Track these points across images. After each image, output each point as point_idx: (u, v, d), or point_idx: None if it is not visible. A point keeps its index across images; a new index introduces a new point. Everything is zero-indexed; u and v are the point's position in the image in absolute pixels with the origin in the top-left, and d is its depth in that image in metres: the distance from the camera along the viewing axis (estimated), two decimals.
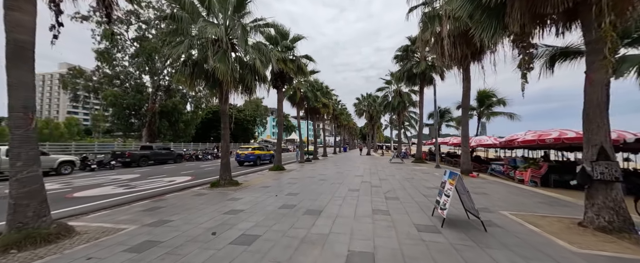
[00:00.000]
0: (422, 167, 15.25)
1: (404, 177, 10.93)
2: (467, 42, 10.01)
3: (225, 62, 7.76)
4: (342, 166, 16.41)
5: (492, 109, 16.99)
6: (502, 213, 5.14)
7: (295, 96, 19.50)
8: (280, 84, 14.38)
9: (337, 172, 13.10)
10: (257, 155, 18.01)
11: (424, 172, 12.93)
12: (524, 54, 4.63)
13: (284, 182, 9.64)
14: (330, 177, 10.91)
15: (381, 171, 13.37)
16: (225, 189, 8.19)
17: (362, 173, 12.52)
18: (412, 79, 18.70)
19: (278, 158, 14.45)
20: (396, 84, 25.81)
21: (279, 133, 14.75)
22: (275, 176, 11.58)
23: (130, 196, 7.63)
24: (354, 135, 75.87)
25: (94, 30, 22.39)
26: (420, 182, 9.47)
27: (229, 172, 9.01)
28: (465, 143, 10.82)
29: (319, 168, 15.24)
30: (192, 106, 29.41)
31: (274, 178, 10.77)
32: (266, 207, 5.78)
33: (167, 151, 19.38)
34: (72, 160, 13.05)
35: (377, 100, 32.76)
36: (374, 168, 15.10)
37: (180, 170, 15.42)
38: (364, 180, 9.88)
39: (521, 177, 8.57)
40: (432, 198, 6.49)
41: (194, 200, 6.65)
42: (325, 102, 23.38)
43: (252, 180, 10.23)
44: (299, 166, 16.71)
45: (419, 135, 18.88)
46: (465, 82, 10.85)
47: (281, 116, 14.76)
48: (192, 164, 19.30)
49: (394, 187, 8.42)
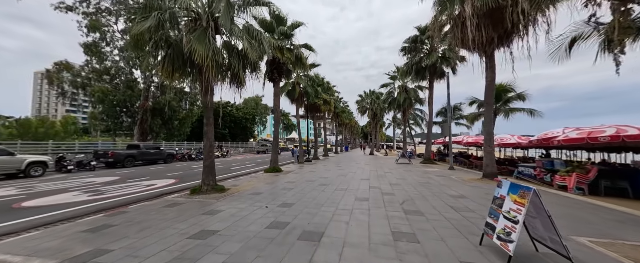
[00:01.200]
0: (433, 169, 13.79)
1: (417, 181, 9.48)
2: (493, 23, 8.55)
3: (204, 42, 6.33)
4: (345, 167, 14.98)
5: (509, 105, 15.52)
6: (578, 241, 3.69)
7: (294, 91, 18.07)
8: (276, 76, 12.95)
9: (340, 174, 11.68)
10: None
11: (438, 174, 11.47)
12: (617, 12, 3.16)
13: (278, 188, 8.22)
14: (332, 181, 9.48)
15: (389, 173, 11.93)
16: (207, 197, 6.79)
17: (368, 175, 11.09)
18: (421, 73, 17.21)
19: (274, 159, 13.03)
20: (401, 80, 24.36)
21: (275, 131, 13.34)
22: (269, 179, 10.17)
23: (88, 207, 6.23)
24: (356, 134, 74.41)
25: (80, 21, 21.02)
26: (439, 188, 8.02)
27: (213, 176, 7.59)
28: (490, 142, 9.35)
29: (320, 169, 13.83)
30: (187, 103, 28.00)
31: (267, 182, 9.36)
32: (249, 226, 4.37)
33: (157, 150, 18.01)
34: (44, 160, 11.69)
35: (380, 97, 31.28)
36: (380, 169, 13.66)
37: (168, 171, 14.04)
38: (372, 185, 8.44)
39: (563, 182, 7.13)
40: (466, 214, 5.04)
41: (162, 213, 5.25)
42: (326, 98, 21.94)
43: (241, 185, 8.82)
44: (297, 167, 15.31)
45: (428, 133, 17.43)
46: (488, 72, 9.37)
47: (278, 112, 13.34)
48: (183, 165, 17.93)
49: (410, 194, 6.98)
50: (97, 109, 23.96)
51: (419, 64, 17.20)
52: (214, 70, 6.69)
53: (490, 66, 9.34)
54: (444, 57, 15.96)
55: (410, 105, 23.86)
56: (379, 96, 31.38)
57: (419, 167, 14.88)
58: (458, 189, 7.72)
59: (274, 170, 12.60)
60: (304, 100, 20.54)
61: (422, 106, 24.97)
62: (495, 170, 9.25)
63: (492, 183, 8.62)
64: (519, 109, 15.13)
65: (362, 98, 32.85)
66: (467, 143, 14.60)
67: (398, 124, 41.76)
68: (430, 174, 11.52)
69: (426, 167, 14.72)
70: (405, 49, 17.80)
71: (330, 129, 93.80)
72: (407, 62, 18.17)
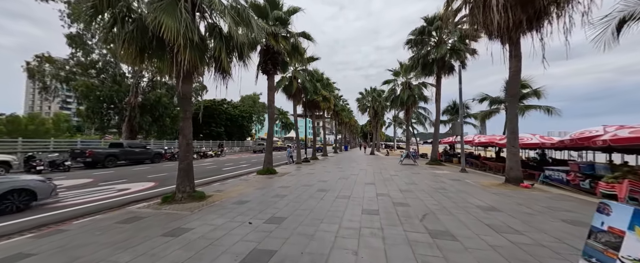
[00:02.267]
0: (443, 171, 12.57)
1: (430, 186, 8.25)
2: (522, 2, 7.31)
3: (174, 15, 5.04)
4: (346, 168, 13.74)
5: (524, 102, 14.32)
6: None
7: (291, 87, 16.78)
8: (270, 68, 11.66)
9: (341, 177, 10.44)
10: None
11: (451, 178, 10.26)
12: None
13: (269, 194, 6.96)
14: (332, 186, 8.23)
15: (395, 176, 10.70)
16: (180, 208, 5.52)
17: (373, 179, 9.85)
18: (428, 67, 15.97)
19: (268, 159, 11.76)
20: (404, 76, 23.11)
21: (269, 128, 12.07)
22: (261, 183, 8.91)
23: (20, 222, 4.94)
24: (355, 134, 73.24)
25: (62, 11, 19.60)
26: (459, 195, 6.80)
27: (190, 181, 6.33)
28: (514, 142, 8.12)
29: (318, 171, 12.58)
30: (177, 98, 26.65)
31: (258, 187, 8.09)
32: (219, 259, 3.11)
33: (143, 149, 16.70)
34: (7, 160, 10.37)
35: (382, 94, 30.04)
36: (385, 171, 12.43)
37: (151, 172, 12.75)
38: (379, 192, 7.20)
39: (611, 190, 5.92)
40: (513, 238, 3.80)
41: (109, 234, 3.98)
42: (325, 95, 20.68)
43: (227, 190, 7.55)
44: (294, 168, 14.06)
45: (435, 132, 16.23)
46: (513, 61, 8.13)
47: (272, 108, 12.05)
48: (171, 165, 16.62)
49: (428, 206, 5.74)
50: (83, 105, 22.50)
51: (426, 57, 15.98)
52: (189, 51, 5.39)
53: (515, 54, 8.10)
54: (454, 50, 14.73)
55: (414, 103, 22.60)
56: (380, 94, 30.14)
57: (427, 169, 13.66)
58: (482, 198, 6.49)
59: (267, 172, 11.34)
60: (302, 97, 19.26)
61: (426, 104, 23.75)
62: (521, 175, 8.03)
63: (519, 190, 7.41)
64: (535, 107, 13.93)
65: (362, 96, 31.59)
66: (480, 143, 13.41)
67: (399, 123, 40.61)
68: (441, 178, 10.29)
69: (434, 169, 13.51)
70: (411, 42, 16.56)
71: (330, 128, 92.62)
72: (413, 55, 16.93)
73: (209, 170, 13.84)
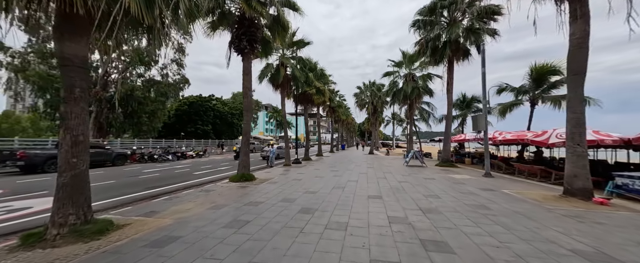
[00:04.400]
0: (463, 176, 10.19)
1: (462, 202, 5.83)
2: None
3: None
4: (342, 172, 11.29)
5: (552, 92, 12.04)
6: None
7: (278, 75, 14.24)
8: (246, 45, 9.10)
9: (336, 185, 7.98)
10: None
11: (480, 187, 7.87)
12: None
13: (223, 220, 4.47)
14: (323, 202, 5.77)
15: (405, 183, 8.27)
16: (43, 257, 2.99)
17: (378, 188, 7.42)
18: (439, 53, 13.54)
19: (244, 162, 9.25)
20: (408, 67, 20.74)
21: (245, 123, 9.54)
22: (225, 196, 6.40)
23: None
24: (352, 132, 70.89)
25: None
26: (519, 222, 4.39)
27: (80, 205, 3.80)
28: (580, 139, 5.74)
29: (309, 176, 10.10)
30: (154, 92, 23.74)
31: (216, 204, 5.58)
32: None
33: (100, 150, 14.02)
34: None
35: (382, 88, 27.65)
36: (391, 176, 10.01)
37: (99, 179, 10.13)
38: (393, 215, 4.75)
39: None
40: None
41: None
42: (319, 86, 18.16)
43: (163, 212, 5.02)
44: (281, 171, 11.56)
45: (446, 128, 13.83)
46: (578, 24, 5.73)
47: (248, 97, 9.49)
48: (135, 168, 13.99)
49: (483, 248, 3.29)
50: (43, 99, 19.60)
51: (436, 41, 13.57)
52: None
53: (581, 14, 5.70)
54: (471, 30, 12.33)
55: (418, 97, 20.24)
56: (379, 88, 27.74)
57: (439, 172, 11.27)
58: (557, 226, 4.08)
59: (241, 179, 8.84)
60: (291, 88, 16.75)
61: (430, 98, 21.35)
62: (591, 186, 5.64)
63: (597, 210, 5.03)
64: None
65: (360, 90, 29.14)
66: (505, 141, 11.06)
67: (399, 121, 38.30)
68: (466, 186, 7.89)
69: (449, 173, 11.12)
70: (418, 23, 14.13)
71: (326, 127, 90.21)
72: (420, 40, 14.50)
73: (172, 176, 11.28)
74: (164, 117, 30.85)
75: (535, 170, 8.81)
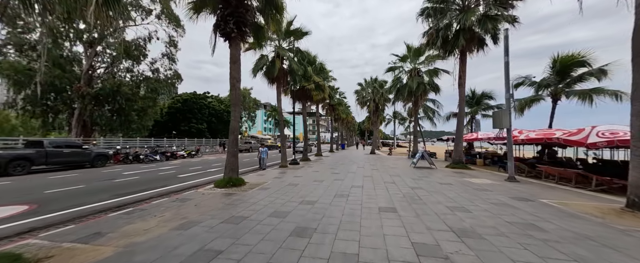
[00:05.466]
0: (482, 180, 8.95)
1: (502, 218, 4.61)
2: None
3: None
4: (344, 175, 10.04)
5: (578, 85, 10.79)
6: None
7: (274, 68, 12.94)
8: (233, 29, 7.80)
9: (339, 192, 6.72)
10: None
11: (511, 195, 6.63)
12: None
13: (182, 253, 3.19)
14: (323, 217, 4.52)
15: (420, 190, 7.03)
16: None
17: (388, 197, 6.17)
18: (450, 43, 12.30)
19: (231, 164, 7.98)
20: (413, 62, 19.49)
21: (233, 119, 8.26)
22: (200, 211, 5.13)
23: None
24: (352, 131, 69.68)
25: None
26: (596, 251, 3.16)
27: None
28: None
29: (307, 180, 8.85)
30: (145, 88, 22.36)
31: (184, 224, 4.30)
32: None
33: (76, 150, 12.69)
34: None
35: (384, 85, 26.38)
36: (400, 180, 8.76)
37: (65, 184, 8.84)
38: (418, 241, 3.50)
39: None
40: None
41: None
42: (318, 81, 16.88)
43: (108, 238, 3.73)
44: (276, 174, 10.30)
45: (458, 126, 12.56)
46: None
47: (236, 89, 8.17)
48: (116, 170, 12.69)
49: None
50: (20, 95, 18.21)
51: (447, 30, 12.32)
52: None
53: None
54: (488, 16, 11.06)
55: (424, 93, 19.01)
56: (382, 85, 26.46)
57: (453, 176, 10.03)
58: None
59: (228, 184, 7.58)
60: (288, 83, 15.47)
61: (436, 95, 20.08)
62: None
63: None
64: (602, 90, 10.32)
65: (362, 87, 27.83)
66: (528, 140, 9.75)
67: (401, 119, 37.07)
68: (494, 194, 6.65)
69: (465, 176, 9.89)
70: (428, 11, 12.85)
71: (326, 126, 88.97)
72: (429, 30, 13.24)
73: (153, 179, 10.00)
74: (156, 115, 29.54)
75: (570, 174, 7.58)
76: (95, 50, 19.59)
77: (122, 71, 22.17)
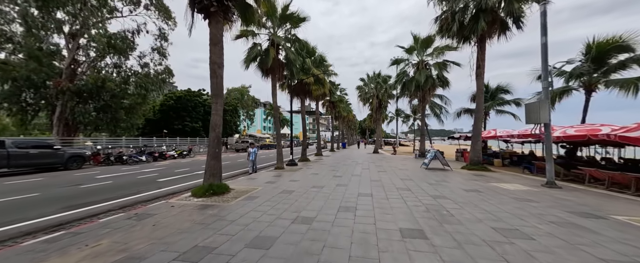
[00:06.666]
0: (514, 185, 7.52)
1: (588, 252, 3.18)
2: None
3: None
4: (348, 178, 8.62)
5: (620, 73, 9.32)
6: None
7: (268, 57, 11.48)
8: (213, 2, 6.35)
9: (344, 205, 5.31)
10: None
11: (570, 208, 5.23)
12: None
13: None
14: (325, 248, 3.09)
15: (446, 200, 5.61)
16: None
17: (411, 214, 4.76)
18: (468, 27, 10.82)
19: (211, 168, 6.57)
20: (420, 54, 18.01)
21: (214, 113, 6.84)
22: (155, 236, 3.70)
23: None
24: (353, 130, 68.13)
25: None
26: None
27: None
28: None
29: (303, 187, 7.43)
30: (134, 85, 20.87)
31: (117, 259, 2.88)
32: None
33: (45, 151, 11.28)
34: None
35: (388, 80, 24.92)
36: (415, 186, 7.34)
37: (5, 192, 7.44)
38: None
39: None
40: None
41: None
42: (318, 73, 15.42)
43: None
44: (270, 177, 8.88)
45: (476, 122, 11.08)
46: None
47: (217, 77, 6.73)
48: (86, 174, 11.29)
49: None
50: None
51: (464, 12, 10.84)
52: None
53: None
54: None
55: (433, 87, 17.56)
56: (386, 79, 24.99)
57: (476, 179, 8.60)
58: None
59: (208, 192, 6.18)
60: (284, 76, 14.00)
61: (444, 90, 18.56)
62: None
63: None
64: None
65: (364, 82, 26.32)
66: (567, 138, 8.11)
67: (404, 117, 35.57)
68: (546, 208, 5.23)
69: (490, 180, 8.46)
70: None
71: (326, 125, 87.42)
72: (442, 14, 11.75)
73: (128, 185, 8.60)
74: (147, 112, 28.10)
75: (627, 179, 6.14)
76: (77, 42, 18.14)
77: (109, 66, 20.73)
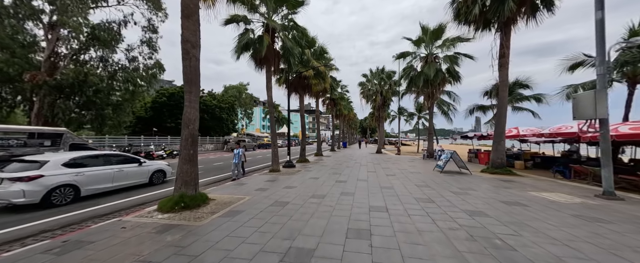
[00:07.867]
0: (561, 196, 6.16)
1: None
2: None
3: None
4: (353, 184, 7.23)
5: None
6: None
7: (262, 45, 10.05)
8: None
9: (354, 225, 3.93)
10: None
11: None
12: None
13: None
14: None
15: (485, 216, 4.25)
16: None
17: (448, 241, 3.39)
18: (491, 11, 9.41)
19: (185, 174, 5.18)
20: (428, 47, 16.62)
21: (187, 105, 5.44)
22: None
23: None
24: (354, 129, 66.74)
25: None
26: None
27: None
28: None
29: (301, 196, 6.04)
30: (123, 81, 19.42)
31: None
32: None
33: None
34: None
35: (392, 76, 23.51)
36: (436, 195, 5.96)
37: None
38: None
39: None
40: None
41: None
42: (318, 66, 14.02)
43: None
44: (263, 183, 7.50)
45: (498, 118, 9.68)
46: None
47: (191, 59, 5.32)
48: None
49: None
50: None
51: None
52: None
53: None
54: None
55: (443, 82, 16.17)
56: (390, 75, 23.59)
57: (510, 188, 7.23)
58: None
59: (177, 205, 4.81)
60: (280, 68, 12.60)
61: (453, 85, 17.12)
62: None
63: None
64: None
65: (367, 79, 24.89)
66: (621, 137, 6.69)
67: (408, 116, 34.13)
68: (634, 234, 3.85)
69: (526, 188, 7.09)
70: None
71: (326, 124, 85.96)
72: None
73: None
74: (140, 110, 26.67)
75: None
76: (57, 32, 16.70)
77: (94, 60, 19.28)
